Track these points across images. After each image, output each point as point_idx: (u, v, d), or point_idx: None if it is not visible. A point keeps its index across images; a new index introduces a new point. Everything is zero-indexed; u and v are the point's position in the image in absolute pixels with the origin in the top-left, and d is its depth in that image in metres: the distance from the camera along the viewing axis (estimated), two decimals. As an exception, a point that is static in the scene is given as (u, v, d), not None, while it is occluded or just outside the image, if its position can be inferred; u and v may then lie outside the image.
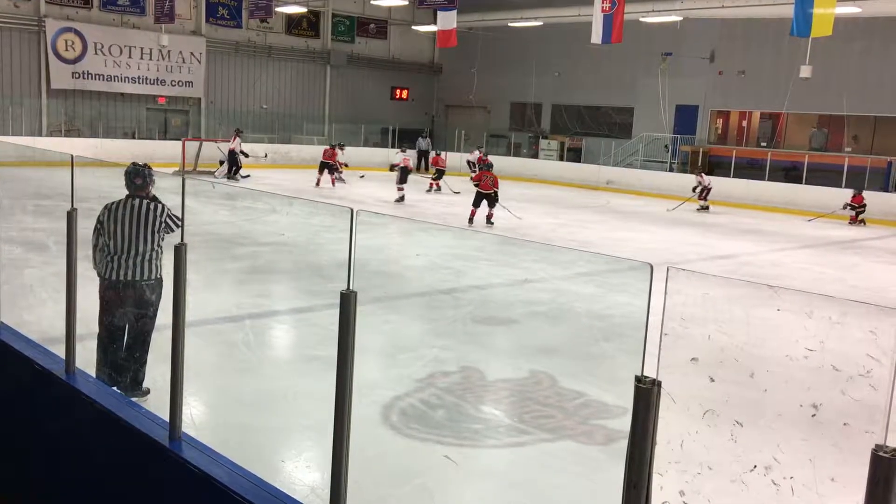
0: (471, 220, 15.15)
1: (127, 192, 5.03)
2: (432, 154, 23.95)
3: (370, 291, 7.95)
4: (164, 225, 4.98)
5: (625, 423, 2.35)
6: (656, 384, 2.26)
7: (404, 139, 28.71)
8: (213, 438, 3.77)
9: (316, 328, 7.34)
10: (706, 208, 20.50)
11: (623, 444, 2.36)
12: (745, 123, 26.15)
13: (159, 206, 5.02)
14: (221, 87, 28.68)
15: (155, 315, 5.06)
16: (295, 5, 27.34)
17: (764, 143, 25.07)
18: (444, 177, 21.39)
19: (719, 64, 25.29)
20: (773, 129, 25.21)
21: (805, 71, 17.79)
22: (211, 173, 21.44)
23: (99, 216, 5.00)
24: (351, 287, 2.92)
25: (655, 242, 14.43)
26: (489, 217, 15.22)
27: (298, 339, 7.50)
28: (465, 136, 29.85)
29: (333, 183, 20.83)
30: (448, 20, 20.92)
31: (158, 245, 4.96)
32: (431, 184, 21.17)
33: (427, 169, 25.99)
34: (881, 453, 1.92)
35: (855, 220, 19.07)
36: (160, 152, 23.40)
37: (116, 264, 4.93)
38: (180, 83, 27.30)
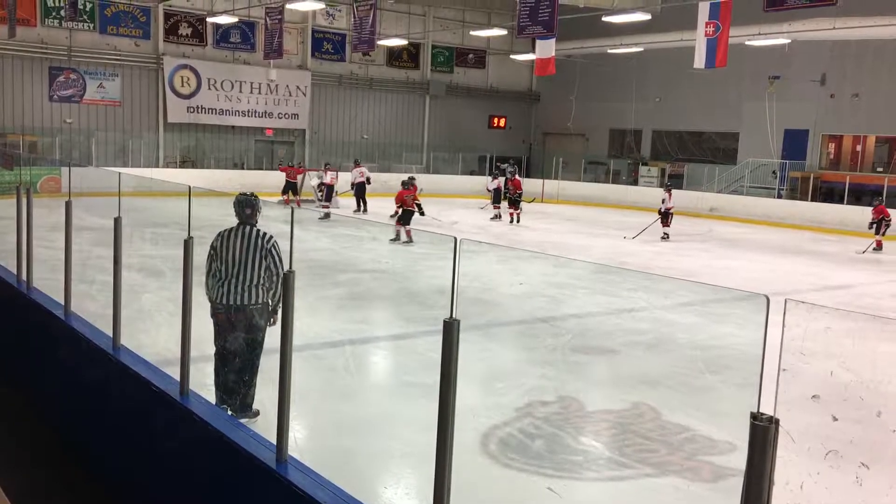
0: None
1: (238, 221, 5.26)
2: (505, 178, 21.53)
3: (469, 319, 7.96)
4: (269, 253, 5.16)
5: (732, 460, 2.26)
6: (774, 422, 2.16)
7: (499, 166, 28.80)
8: (316, 462, 3.84)
9: (414, 354, 7.39)
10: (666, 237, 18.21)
11: (731, 482, 2.26)
12: (859, 148, 24.94)
13: (268, 234, 5.23)
14: (325, 119, 29.60)
15: (263, 339, 5.23)
16: (396, 38, 28.01)
17: (880, 169, 23.80)
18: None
19: (831, 86, 24.28)
20: (889, 154, 23.93)
21: (925, 92, 16.87)
22: (313, 202, 22.08)
23: (213, 243, 5.24)
24: (454, 315, 2.93)
25: (762, 271, 13.88)
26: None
27: (397, 365, 7.57)
28: (563, 163, 29.68)
29: (299, 204, 21.12)
30: (547, 48, 20.94)
31: (266, 270, 5.15)
32: (511, 214, 20.22)
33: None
34: None
35: (879, 244, 17.34)
36: (267, 182, 24.29)
37: (227, 289, 5.13)
38: (286, 115, 28.34)
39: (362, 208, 21.13)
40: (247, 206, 5.28)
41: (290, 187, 21.28)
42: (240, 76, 27.18)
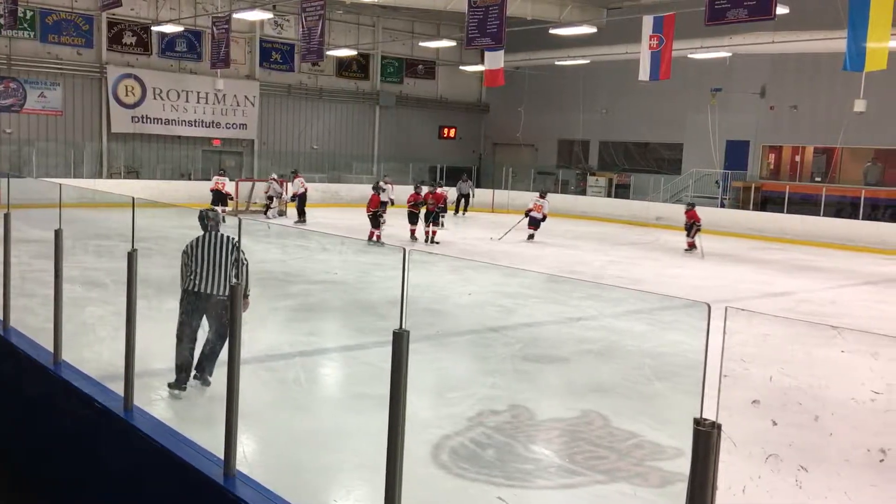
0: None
1: (203, 231, 6.28)
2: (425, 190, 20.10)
3: (420, 329, 7.97)
4: (235, 249, 6.08)
5: (680, 465, 2.30)
6: (716, 427, 2.21)
7: (452, 177, 28.92)
8: (265, 476, 3.79)
9: (366, 366, 7.35)
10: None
11: (679, 487, 2.30)
12: (798, 158, 25.71)
13: (232, 236, 6.17)
14: (274, 129, 29.36)
15: (225, 325, 5.78)
16: (345, 49, 27.95)
17: (818, 179, 24.58)
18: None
19: (770, 99, 25.00)
20: (827, 164, 24.72)
21: (859, 105, 17.47)
22: (262, 212, 21.82)
23: (185, 248, 6.19)
24: (403, 326, 2.93)
25: (708, 279, 14.18)
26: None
27: (349, 376, 7.52)
28: (513, 173, 29.94)
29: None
30: (495, 60, 21.13)
31: (235, 263, 6.03)
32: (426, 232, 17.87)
33: (465, 212, 25.80)
34: (957, 502, 1.84)
35: (691, 243, 18.29)
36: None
37: (200, 282, 6.07)
38: (234, 125, 28.02)
39: (302, 219, 21.00)
40: (210, 218, 6.39)
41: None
42: (186, 86, 26.79)
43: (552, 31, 22.42)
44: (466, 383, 7.16)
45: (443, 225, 18.60)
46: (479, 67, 26.58)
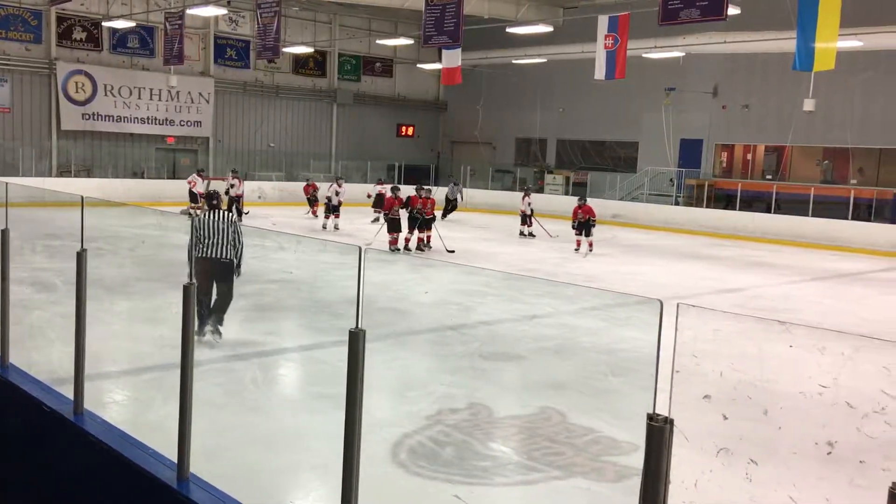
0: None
1: (208, 207, 8.03)
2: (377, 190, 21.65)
3: (378, 328, 7.94)
4: (232, 225, 7.67)
5: (635, 460, 2.32)
6: (669, 422, 2.24)
7: (410, 175, 28.87)
8: (220, 478, 3.74)
9: (324, 366, 7.31)
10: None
11: (635, 481, 2.33)
12: (749, 157, 26.24)
13: (233, 216, 8.12)
14: (229, 127, 28.99)
15: (233, 281, 7.68)
16: (302, 46, 27.71)
17: (769, 176, 25.12)
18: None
19: (723, 98, 25.46)
20: (778, 162, 25.28)
21: (808, 104, 17.89)
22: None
23: (193, 223, 7.81)
24: (359, 325, 2.92)
25: (663, 276, 14.39)
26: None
27: (306, 376, 7.46)
28: (471, 171, 30.02)
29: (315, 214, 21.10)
30: (453, 58, 21.15)
31: (233, 236, 7.63)
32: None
33: (444, 216, 23.79)
34: (899, 491, 1.89)
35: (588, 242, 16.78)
36: (168, 192, 23.58)
37: (206, 249, 7.48)
38: (189, 123, 27.60)
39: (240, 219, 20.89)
40: (214, 199, 8.19)
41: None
42: (138, 82, 26.29)
43: (509, 30, 22.51)
44: (425, 382, 7.16)
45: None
46: (437, 66, 26.58)
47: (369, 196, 22.86)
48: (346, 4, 27.54)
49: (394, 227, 15.60)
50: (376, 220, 20.89)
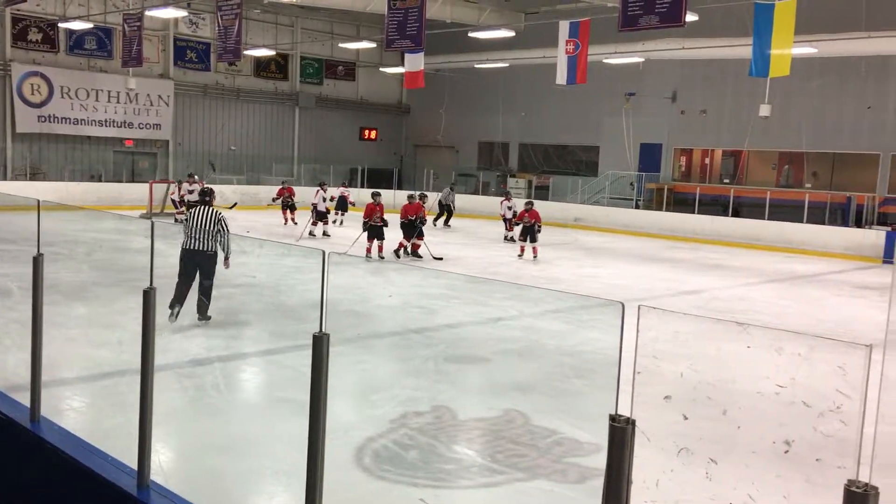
0: None
1: (199, 202, 9.06)
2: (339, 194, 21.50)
3: (342, 332, 7.91)
4: (219, 223, 8.62)
5: (598, 461, 2.35)
6: (630, 423, 2.27)
7: (373, 179, 28.79)
8: (182, 486, 3.70)
9: (287, 370, 7.26)
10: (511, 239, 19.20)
11: (597, 482, 2.36)
12: (707, 161, 26.68)
13: (219, 211, 8.83)
14: (189, 130, 28.64)
15: (215, 271, 8.63)
16: (263, 48, 27.51)
17: (727, 180, 25.57)
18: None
19: (681, 103, 25.85)
20: (735, 166, 25.75)
21: (764, 110, 18.25)
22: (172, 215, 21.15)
23: (186, 216, 9.10)
24: (323, 329, 2.91)
25: (624, 278, 14.55)
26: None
27: (269, 381, 7.40)
28: (434, 175, 30.06)
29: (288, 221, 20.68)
30: (415, 62, 21.16)
31: (217, 232, 8.56)
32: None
33: (447, 223, 23.11)
34: (853, 488, 1.95)
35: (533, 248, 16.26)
36: (127, 195, 23.22)
37: (192, 242, 8.51)
38: (148, 126, 27.21)
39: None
40: (206, 195, 9.09)
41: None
42: (96, 84, 25.85)
43: (471, 35, 22.61)
44: (389, 385, 7.15)
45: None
46: (400, 69, 26.57)
47: (333, 199, 22.71)
48: (308, 7, 27.39)
49: (374, 234, 15.05)
50: (335, 221, 20.90)
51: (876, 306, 12.62)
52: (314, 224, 19.08)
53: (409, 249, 15.67)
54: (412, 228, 15.51)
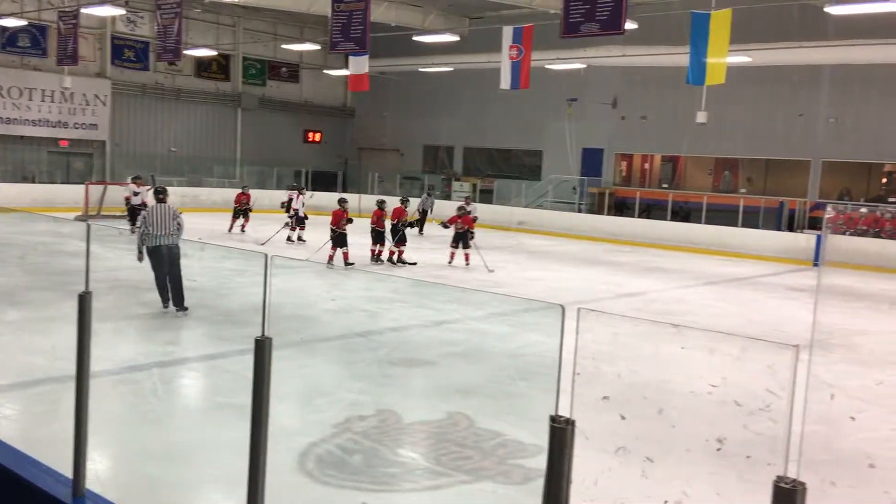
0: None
1: (157, 200, 9.80)
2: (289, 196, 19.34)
3: (285, 336, 7.84)
4: (176, 216, 9.39)
5: (542, 462, 2.39)
6: (570, 423, 2.32)
7: (318, 182, 28.59)
8: (119, 494, 3.63)
9: (228, 375, 7.16)
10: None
11: (540, 483, 2.40)
12: (647, 166, 27.25)
13: (174, 207, 9.71)
14: (128, 130, 27.99)
15: (180, 263, 9.25)
16: (204, 48, 27.06)
17: (665, 185, 26.15)
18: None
19: (622, 109, 26.34)
20: (673, 172, 26.34)
21: (701, 116, 18.72)
22: (114, 217, 20.62)
23: (143, 214, 9.59)
24: (265, 333, 2.89)
25: (567, 281, 14.76)
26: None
27: (210, 386, 7.29)
28: (379, 178, 30.00)
29: (243, 229, 19.85)
30: (360, 65, 21.09)
31: (177, 226, 9.33)
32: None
33: (420, 230, 22.13)
34: (782, 484, 2.02)
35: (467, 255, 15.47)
36: (61, 197, 22.57)
37: (156, 238, 9.08)
38: (84, 126, 26.50)
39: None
40: (160, 193, 10.03)
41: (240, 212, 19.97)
42: (29, 83, 25.07)
43: (416, 39, 22.64)
44: (333, 389, 7.11)
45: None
46: (344, 72, 26.46)
47: (283, 205, 22.46)
48: (251, 8, 27.07)
49: (339, 242, 14.56)
50: (287, 225, 20.63)
51: (807, 308, 13.06)
52: (293, 230, 18.72)
53: (394, 257, 15.42)
54: (395, 233, 15.32)
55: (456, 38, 22.73)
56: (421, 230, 22.12)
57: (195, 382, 7.57)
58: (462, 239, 15.64)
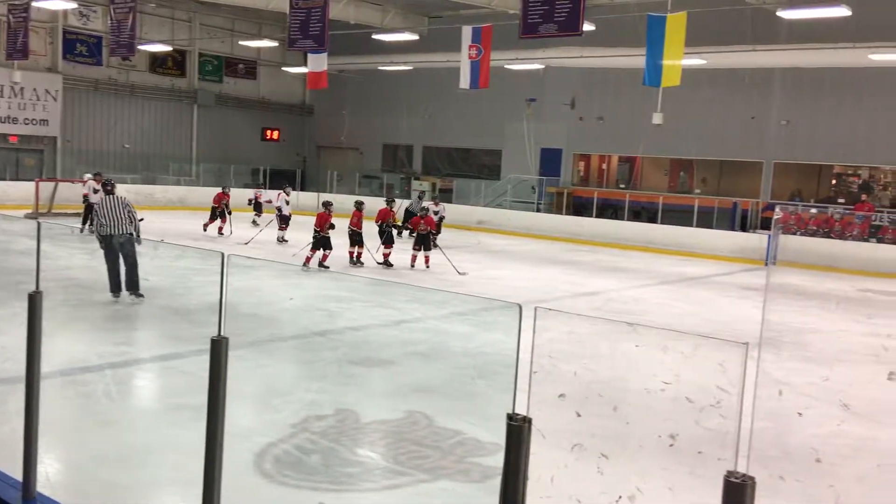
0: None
1: (105, 192, 10.40)
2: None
3: (243, 336, 7.75)
4: (127, 206, 9.95)
5: (499, 460, 2.41)
6: (527, 421, 2.35)
7: (275, 180, 28.33)
8: (70, 498, 3.56)
9: (185, 375, 7.06)
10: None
11: (498, 480, 2.42)
12: (604, 166, 27.56)
13: (124, 198, 10.23)
14: (80, 126, 27.41)
15: (135, 253, 9.72)
16: (159, 44, 26.64)
17: (622, 185, 26.48)
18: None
19: (580, 110, 26.59)
20: (630, 172, 26.68)
21: (657, 118, 18.99)
22: (66, 215, 20.15)
23: (95, 208, 10.38)
24: (222, 333, 2.87)
25: (526, 280, 14.85)
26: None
27: (165, 387, 7.19)
28: (338, 176, 29.84)
29: (221, 231, 19.06)
30: (318, 62, 20.95)
31: (128, 215, 9.84)
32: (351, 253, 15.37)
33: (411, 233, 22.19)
34: (732, 479, 2.07)
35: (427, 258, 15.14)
36: (11, 194, 22.01)
37: (109, 228, 9.66)
38: (34, 121, 25.89)
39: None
40: (108, 185, 10.64)
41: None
42: (-23, 77, 24.41)
43: (375, 37, 22.58)
44: (291, 389, 7.06)
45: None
46: (303, 69, 26.25)
47: (250, 202, 22.23)
48: (207, 3, 26.72)
49: (321, 244, 14.34)
50: (253, 222, 20.49)
51: (759, 306, 13.35)
52: (281, 229, 18.48)
53: (379, 258, 15.22)
54: (381, 233, 15.13)
55: (415, 36, 22.72)
56: (412, 233, 21.63)
57: (150, 383, 7.46)
58: (424, 241, 15.37)
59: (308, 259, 14.42)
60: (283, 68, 30.95)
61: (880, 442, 6.36)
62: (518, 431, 2.32)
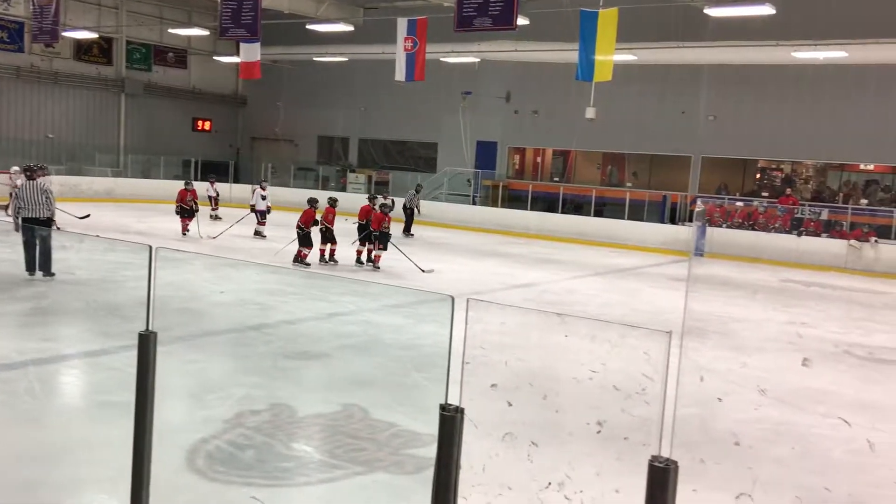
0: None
1: (27, 178, 10.97)
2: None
3: (173, 330, 7.61)
4: (45, 191, 10.68)
5: (433, 451, 2.45)
6: (459, 411, 2.38)
7: (209, 171, 27.77)
8: (-7, 499, 3.45)
9: (112, 372, 6.89)
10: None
11: (432, 471, 2.45)
12: (539, 160, 27.89)
13: (43, 182, 10.95)
14: (0, 115, 26.34)
15: (50, 237, 10.50)
16: (84, 31, 25.78)
17: (556, 178, 26.85)
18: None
19: (515, 104, 26.83)
20: (564, 166, 27.07)
21: (590, 112, 19.31)
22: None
23: (16, 192, 10.95)
24: (150, 328, 2.82)
25: (462, 272, 14.94)
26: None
27: (91, 384, 7.00)
28: (272, 169, 29.44)
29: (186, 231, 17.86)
30: (251, 52, 20.61)
31: (46, 199, 10.66)
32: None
33: (408, 231, 21.11)
34: (656, 463, 2.15)
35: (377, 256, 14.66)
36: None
37: (28, 212, 10.47)
38: (-51, 109, 24.78)
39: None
40: (32, 171, 11.07)
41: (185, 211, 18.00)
42: None
43: (309, 27, 22.32)
44: (224, 384, 6.96)
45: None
46: (235, 59, 25.78)
47: (210, 198, 21.79)
48: (135, -11, 26.00)
49: (304, 242, 14.12)
50: (211, 216, 20.13)
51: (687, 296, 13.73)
52: (259, 223, 18.18)
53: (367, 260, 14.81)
54: (361, 231, 14.76)
55: (350, 28, 22.55)
56: (408, 231, 21.09)
57: (75, 380, 7.25)
58: (384, 239, 14.71)
59: (303, 255, 14.17)
60: (215, 57, 30.36)
61: (796, 426, 6.64)
62: (451, 422, 2.36)
